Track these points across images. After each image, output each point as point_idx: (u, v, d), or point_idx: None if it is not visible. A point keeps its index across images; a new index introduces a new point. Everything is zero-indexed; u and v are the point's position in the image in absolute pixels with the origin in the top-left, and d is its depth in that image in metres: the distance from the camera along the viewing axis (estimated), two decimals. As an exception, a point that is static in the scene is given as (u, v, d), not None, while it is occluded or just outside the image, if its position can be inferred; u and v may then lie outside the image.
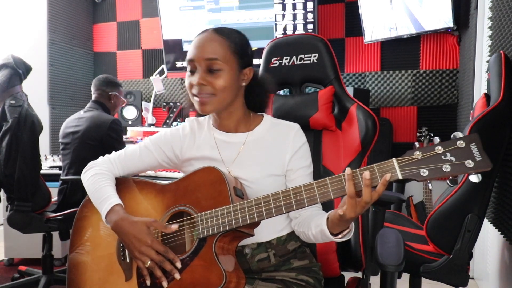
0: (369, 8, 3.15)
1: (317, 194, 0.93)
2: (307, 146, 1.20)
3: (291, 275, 1.13)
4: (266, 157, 1.15)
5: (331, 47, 1.42)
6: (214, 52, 1.07)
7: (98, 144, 2.39)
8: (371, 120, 1.33)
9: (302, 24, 3.25)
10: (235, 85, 1.11)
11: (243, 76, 1.13)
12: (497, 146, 1.47)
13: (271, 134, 1.19)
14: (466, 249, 1.50)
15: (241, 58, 1.11)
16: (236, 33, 1.14)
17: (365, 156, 1.33)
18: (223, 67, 1.07)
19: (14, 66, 2.02)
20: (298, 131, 1.19)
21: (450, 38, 3.08)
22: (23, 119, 1.97)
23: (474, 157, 0.83)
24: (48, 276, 2.30)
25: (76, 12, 3.98)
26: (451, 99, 3.12)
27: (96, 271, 1.11)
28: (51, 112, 3.68)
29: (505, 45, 1.75)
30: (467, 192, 1.50)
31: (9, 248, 2.86)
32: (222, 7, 3.44)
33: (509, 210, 1.56)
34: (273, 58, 1.48)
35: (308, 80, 1.46)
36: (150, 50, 4.01)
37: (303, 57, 1.43)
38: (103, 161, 1.21)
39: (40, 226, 2.13)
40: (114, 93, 2.59)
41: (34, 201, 2.09)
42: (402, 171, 0.89)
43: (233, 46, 1.09)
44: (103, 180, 1.13)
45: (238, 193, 1.03)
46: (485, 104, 1.67)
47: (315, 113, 1.40)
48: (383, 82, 3.28)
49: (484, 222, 1.54)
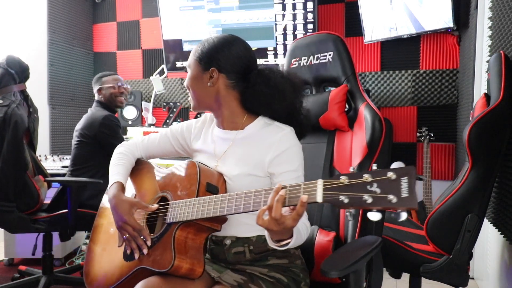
0: (369, 8, 3.15)
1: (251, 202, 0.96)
2: (295, 150, 1.17)
3: (262, 270, 1.17)
4: (248, 156, 1.19)
5: (346, 44, 1.37)
6: (188, 60, 1.28)
7: (94, 142, 2.36)
8: (378, 120, 1.28)
9: (302, 24, 3.25)
10: (199, 85, 1.23)
11: (206, 77, 1.22)
12: (497, 146, 1.47)
13: (261, 134, 1.21)
14: (466, 249, 1.50)
15: (202, 62, 1.22)
16: (214, 39, 1.25)
17: (373, 159, 1.27)
18: (188, 70, 1.26)
19: (6, 66, 2.02)
20: (285, 134, 1.17)
21: (450, 38, 3.08)
22: (8, 118, 1.96)
23: (400, 193, 0.75)
24: (48, 276, 2.30)
25: (76, 12, 3.98)
26: (451, 99, 3.12)
27: (102, 241, 1.32)
28: (51, 112, 3.68)
29: (505, 45, 1.75)
30: (467, 192, 1.50)
31: (9, 248, 2.87)
32: (222, 7, 3.44)
33: (509, 210, 1.56)
34: (293, 59, 1.47)
35: (325, 79, 1.42)
36: (150, 50, 4.01)
37: (319, 56, 1.40)
38: (130, 144, 1.43)
39: (26, 226, 2.10)
40: (97, 87, 2.52)
41: (20, 201, 2.06)
42: (325, 194, 0.84)
43: (197, 53, 1.24)
44: (121, 159, 1.35)
45: (209, 189, 1.12)
46: (485, 104, 1.67)
47: (324, 113, 1.36)
48: (383, 82, 3.28)
49: (484, 222, 1.54)
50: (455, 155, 3.12)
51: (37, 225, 2.13)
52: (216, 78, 1.21)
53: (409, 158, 3.24)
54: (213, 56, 1.21)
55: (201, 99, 1.25)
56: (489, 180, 1.48)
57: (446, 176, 3.15)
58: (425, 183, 2.93)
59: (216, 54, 1.21)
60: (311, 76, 1.43)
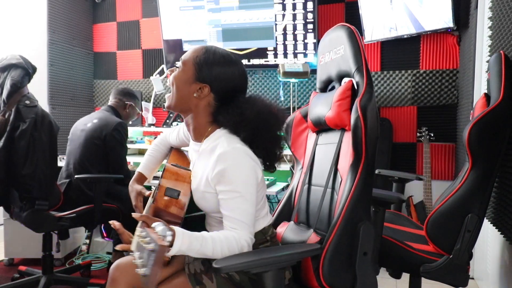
0: (369, 8, 3.15)
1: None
2: (230, 172, 1.13)
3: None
4: (202, 171, 1.21)
5: (357, 34, 1.25)
6: (186, 57, 1.24)
7: (101, 143, 2.41)
8: (355, 117, 1.16)
9: (302, 24, 3.25)
10: (185, 89, 1.21)
11: (196, 87, 1.20)
12: (497, 146, 1.47)
13: (211, 149, 1.20)
14: (466, 249, 1.50)
15: (199, 71, 1.20)
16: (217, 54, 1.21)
17: (361, 162, 1.15)
18: (182, 68, 1.23)
19: (25, 66, 2.03)
20: (221, 155, 1.14)
21: (450, 38, 3.09)
22: (40, 119, 1.98)
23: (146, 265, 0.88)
24: (48, 276, 2.30)
25: (76, 12, 3.98)
26: (451, 99, 3.12)
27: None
28: (51, 112, 3.67)
29: (505, 45, 1.75)
30: (467, 192, 1.50)
31: (9, 248, 2.86)
32: (222, 7, 3.44)
33: (509, 210, 1.56)
34: (320, 56, 1.43)
35: (341, 75, 1.32)
36: (150, 50, 4.01)
37: (336, 51, 1.32)
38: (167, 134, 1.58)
39: (53, 224, 2.14)
40: (130, 103, 2.69)
41: (49, 200, 2.09)
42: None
43: (198, 58, 1.21)
44: (150, 150, 1.57)
45: (168, 193, 1.22)
46: (485, 104, 1.67)
47: (327, 111, 1.31)
48: (383, 82, 3.28)
49: (484, 222, 1.54)
50: (455, 155, 3.12)
51: (62, 222, 2.16)
52: (204, 94, 1.20)
53: (409, 158, 3.24)
54: (212, 74, 1.20)
55: (181, 102, 1.23)
56: (489, 180, 1.48)
57: (446, 176, 3.15)
58: (425, 183, 2.93)
59: (217, 74, 1.20)
60: (334, 72, 1.36)
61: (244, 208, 1.12)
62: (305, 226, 1.40)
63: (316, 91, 1.52)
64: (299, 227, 1.39)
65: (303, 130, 1.57)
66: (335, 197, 1.25)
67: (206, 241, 1.06)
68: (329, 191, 1.29)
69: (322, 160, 1.39)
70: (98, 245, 3.08)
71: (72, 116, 3.85)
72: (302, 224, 1.42)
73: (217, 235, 1.09)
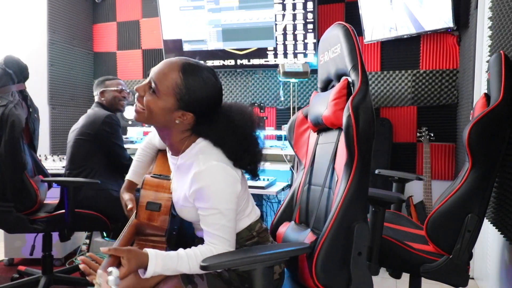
0: (369, 8, 3.15)
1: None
2: (207, 190, 1.12)
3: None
4: (181, 186, 1.21)
5: (352, 33, 1.22)
6: (161, 81, 1.12)
7: (93, 140, 2.35)
8: (346, 116, 1.13)
9: (302, 24, 3.25)
10: (165, 117, 1.15)
11: (178, 114, 1.14)
12: (497, 146, 1.47)
13: (189, 165, 1.18)
14: (466, 249, 1.50)
15: (180, 100, 1.13)
16: (196, 77, 1.14)
17: (354, 161, 1.12)
18: (160, 95, 1.13)
19: (3, 66, 2.00)
20: (196, 175, 1.13)
21: (450, 38, 3.09)
22: (5, 118, 1.94)
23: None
24: (48, 276, 2.30)
25: (76, 12, 3.97)
26: (451, 99, 3.12)
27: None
28: (51, 112, 3.68)
29: (505, 45, 1.75)
30: (467, 192, 1.50)
31: (9, 248, 2.86)
32: (222, 7, 3.44)
33: (509, 210, 1.56)
34: (320, 56, 1.43)
35: (339, 73, 1.30)
36: (150, 50, 4.01)
37: (333, 50, 1.31)
38: (154, 134, 1.50)
39: (25, 226, 2.10)
40: (100, 90, 2.54)
41: (18, 202, 2.05)
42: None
43: (178, 87, 1.12)
44: (137, 155, 1.55)
45: (150, 207, 1.25)
46: (485, 104, 1.67)
47: (324, 110, 1.30)
48: (383, 82, 3.28)
49: (484, 222, 1.54)
50: (455, 155, 3.12)
51: (35, 225, 2.13)
52: (188, 120, 1.17)
53: (409, 158, 3.24)
54: (195, 100, 1.15)
55: (158, 124, 1.19)
56: (489, 180, 1.48)
57: (446, 176, 3.15)
58: (425, 183, 2.93)
59: (199, 99, 1.15)
60: (332, 71, 1.34)
61: (222, 223, 1.14)
62: (304, 225, 1.40)
63: (317, 90, 1.52)
64: (299, 227, 1.39)
65: (305, 130, 1.57)
66: (331, 197, 1.25)
67: (182, 259, 1.10)
68: (326, 190, 1.29)
69: (321, 159, 1.39)
70: (98, 245, 3.08)
71: (72, 116, 3.85)
72: (302, 223, 1.43)
73: (193, 252, 1.12)
